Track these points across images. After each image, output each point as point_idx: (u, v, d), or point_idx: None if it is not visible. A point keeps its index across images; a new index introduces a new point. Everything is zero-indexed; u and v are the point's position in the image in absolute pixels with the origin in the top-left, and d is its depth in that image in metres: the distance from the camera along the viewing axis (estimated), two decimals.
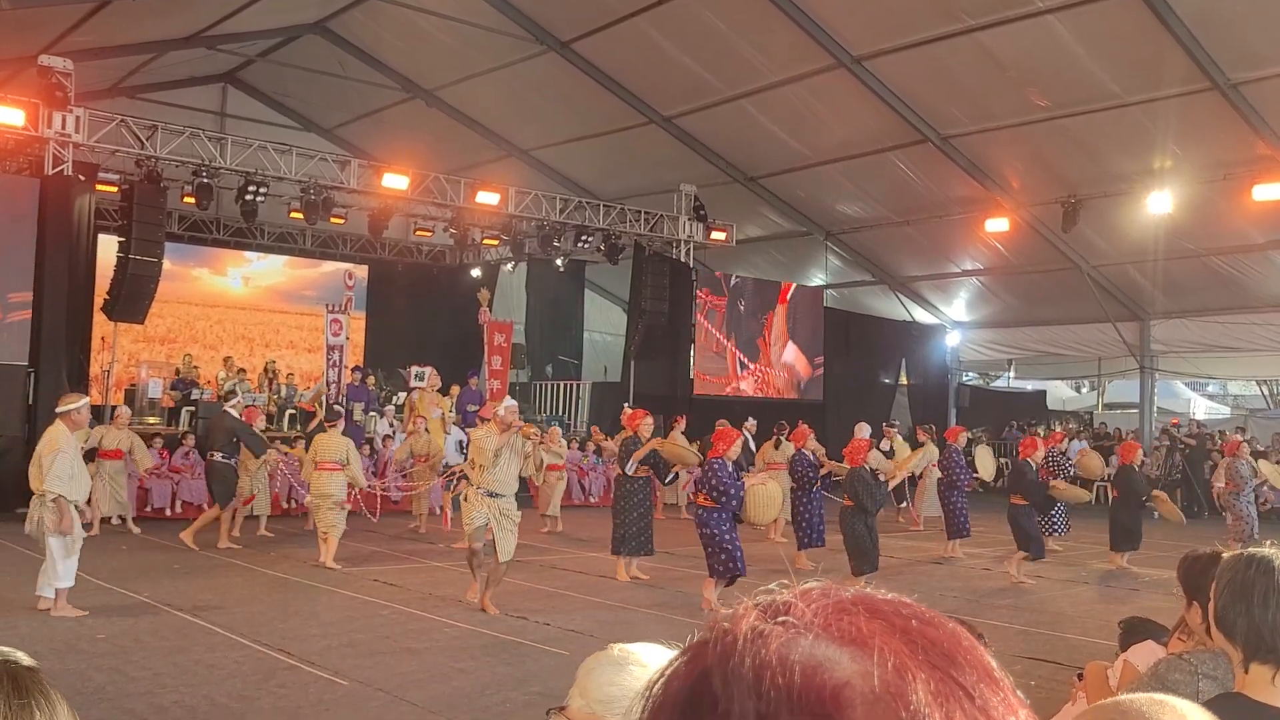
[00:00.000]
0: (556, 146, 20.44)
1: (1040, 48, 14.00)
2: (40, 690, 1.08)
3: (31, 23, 14.72)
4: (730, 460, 9.03)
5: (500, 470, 8.52)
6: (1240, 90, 13.69)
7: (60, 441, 7.84)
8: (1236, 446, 13.27)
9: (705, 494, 8.97)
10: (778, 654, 0.51)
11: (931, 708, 0.49)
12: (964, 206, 18.46)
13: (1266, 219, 15.86)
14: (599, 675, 1.46)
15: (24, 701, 1.06)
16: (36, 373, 13.35)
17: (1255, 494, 13.61)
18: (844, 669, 0.50)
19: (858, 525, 9.79)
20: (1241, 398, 30.57)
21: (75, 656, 6.73)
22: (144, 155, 14.73)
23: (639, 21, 15.70)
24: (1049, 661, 7.30)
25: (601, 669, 1.46)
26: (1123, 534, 12.03)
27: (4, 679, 1.07)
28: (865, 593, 0.55)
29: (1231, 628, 1.88)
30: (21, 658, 1.13)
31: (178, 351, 19.32)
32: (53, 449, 7.81)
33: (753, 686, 0.50)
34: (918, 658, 0.51)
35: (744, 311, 20.54)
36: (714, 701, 0.51)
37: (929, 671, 0.50)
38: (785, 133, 17.88)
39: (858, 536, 9.79)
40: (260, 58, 19.35)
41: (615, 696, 1.42)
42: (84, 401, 8.19)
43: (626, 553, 10.32)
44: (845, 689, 0.49)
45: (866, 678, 0.49)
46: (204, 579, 9.75)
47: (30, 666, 1.11)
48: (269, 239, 21.01)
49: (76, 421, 8.00)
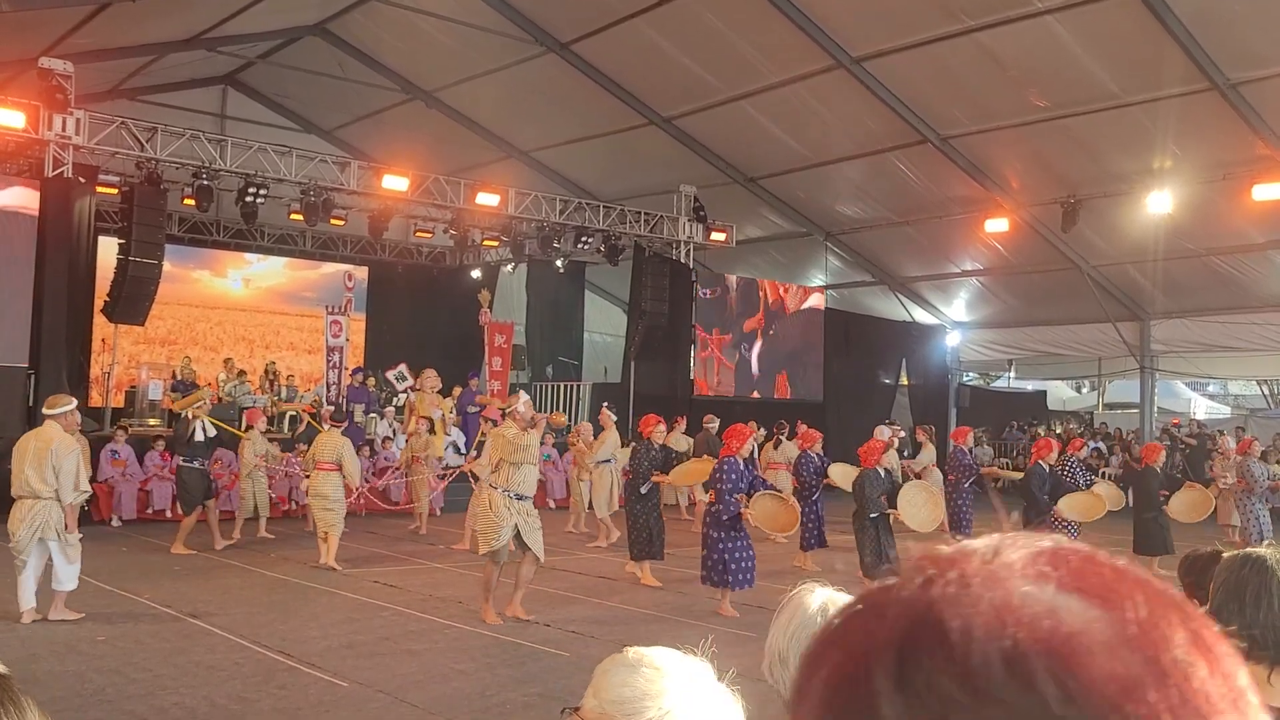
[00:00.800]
0: (556, 148, 20.44)
1: (1040, 48, 13.99)
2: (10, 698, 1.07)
3: (32, 25, 14.72)
4: (742, 458, 9.01)
5: (527, 470, 8.27)
6: (1240, 90, 13.69)
7: (69, 443, 7.75)
8: (1248, 445, 13.05)
9: (715, 492, 8.94)
10: (1019, 597, 0.48)
11: (1194, 655, 0.47)
12: (964, 207, 18.45)
13: (1266, 219, 15.84)
14: (613, 677, 1.48)
15: None
16: (37, 375, 13.36)
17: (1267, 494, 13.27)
18: (1090, 614, 0.48)
19: (869, 529, 9.58)
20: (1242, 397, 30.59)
21: (75, 658, 6.73)
22: (144, 157, 14.73)
23: (639, 22, 15.70)
24: None
25: (615, 671, 1.49)
26: (1145, 539, 11.52)
27: None
28: (1073, 545, 0.52)
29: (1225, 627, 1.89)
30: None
31: (178, 353, 19.32)
32: (67, 450, 7.68)
33: (995, 627, 0.47)
34: (1167, 608, 0.49)
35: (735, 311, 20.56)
36: (944, 638, 0.47)
37: (1182, 623, 0.49)
38: (785, 133, 17.88)
39: (868, 539, 9.58)
40: (260, 59, 19.35)
41: (628, 698, 1.44)
42: (74, 403, 8.09)
43: (644, 556, 10.30)
44: (1091, 633, 0.47)
45: (1118, 624, 0.47)
46: (204, 580, 9.76)
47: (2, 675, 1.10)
48: (269, 241, 21.01)
49: (70, 423, 7.92)
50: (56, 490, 7.62)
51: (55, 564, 7.72)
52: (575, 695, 5.21)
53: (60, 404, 7.93)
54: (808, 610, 1.68)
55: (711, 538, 8.85)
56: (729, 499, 8.68)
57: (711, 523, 8.95)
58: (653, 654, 1.52)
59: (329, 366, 17.69)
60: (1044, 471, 10.64)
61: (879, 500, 9.55)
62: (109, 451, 13.67)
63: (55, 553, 7.70)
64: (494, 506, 8.14)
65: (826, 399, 21.28)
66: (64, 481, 7.62)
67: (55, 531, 7.64)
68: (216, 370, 18.65)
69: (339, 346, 17.70)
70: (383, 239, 20.45)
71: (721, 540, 8.76)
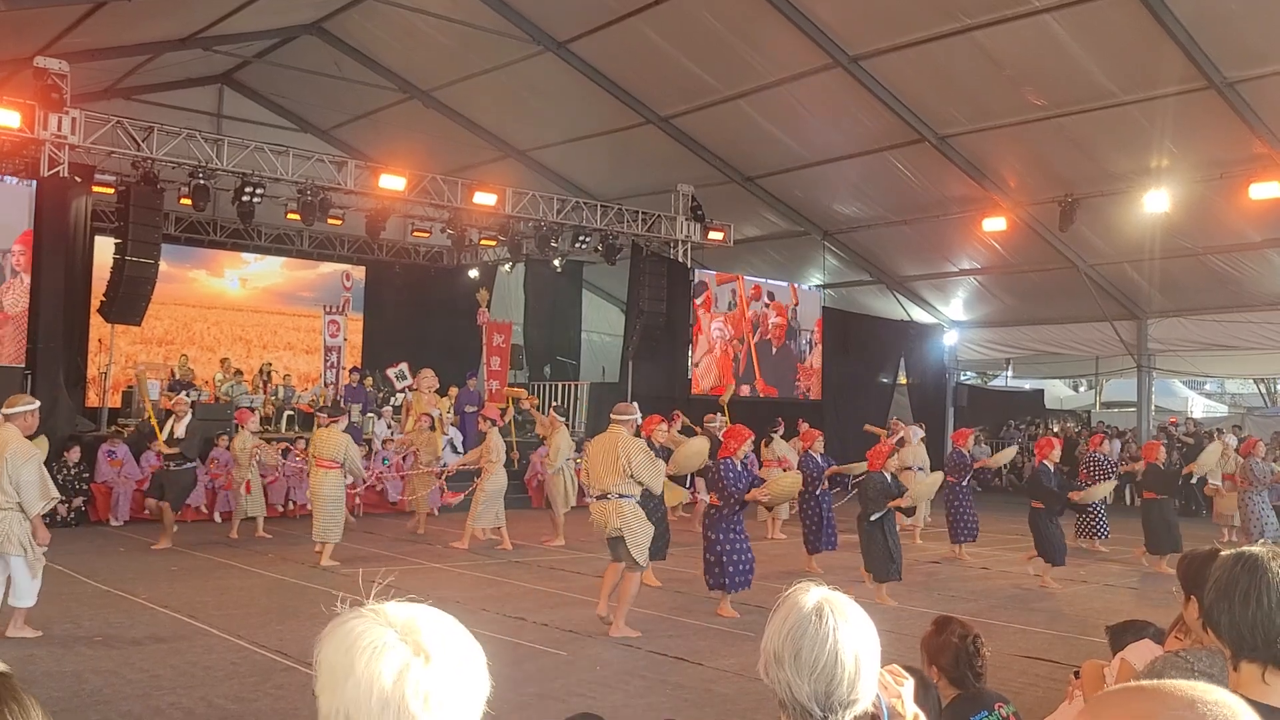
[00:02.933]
0: (554, 147, 20.44)
1: (1037, 47, 14.00)
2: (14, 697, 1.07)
3: (27, 24, 14.70)
4: (739, 460, 9.01)
5: None
6: (1237, 89, 13.69)
7: (25, 450, 7.06)
8: (1253, 445, 13.05)
9: (715, 494, 8.94)
10: None
11: None
12: (961, 206, 18.46)
13: (1263, 218, 15.86)
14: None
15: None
16: (33, 375, 13.34)
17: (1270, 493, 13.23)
18: None
19: (875, 532, 9.52)
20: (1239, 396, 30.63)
21: (72, 659, 6.72)
22: (140, 157, 14.70)
23: (636, 21, 15.69)
24: (1045, 660, 7.31)
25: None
26: (1154, 537, 11.78)
27: None
28: None
29: (1216, 625, 1.90)
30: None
31: (175, 353, 19.30)
32: (24, 457, 7.00)
33: None
34: None
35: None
36: None
37: None
38: (782, 133, 17.87)
39: (874, 543, 9.50)
40: (257, 59, 19.33)
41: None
42: (36, 404, 7.42)
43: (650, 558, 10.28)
44: None
45: None
46: (200, 580, 9.74)
47: (3, 673, 1.09)
48: (266, 240, 20.99)
49: (28, 424, 7.27)
50: (18, 501, 6.97)
51: (15, 578, 7.06)
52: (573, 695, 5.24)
53: (19, 403, 7.28)
54: (803, 610, 1.67)
55: (709, 539, 8.87)
56: (733, 489, 8.69)
57: (709, 524, 8.96)
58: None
59: (327, 366, 17.67)
60: (1049, 471, 10.82)
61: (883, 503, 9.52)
62: (106, 452, 13.65)
63: (16, 567, 7.05)
64: (639, 516, 8.08)
65: (825, 398, 21.29)
66: (26, 495, 6.98)
67: (18, 543, 6.97)
68: (213, 370, 18.62)
69: (337, 346, 17.67)
70: (380, 239, 20.44)
71: (719, 542, 8.77)
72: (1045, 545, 10.53)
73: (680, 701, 6.20)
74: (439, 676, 1.08)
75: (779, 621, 1.68)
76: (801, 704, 1.64)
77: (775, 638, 1.68)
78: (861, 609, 1.71)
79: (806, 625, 1.65)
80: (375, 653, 1.09)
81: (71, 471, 12.99)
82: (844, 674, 1.64)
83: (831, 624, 1.65)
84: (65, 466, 12.80)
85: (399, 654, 1.09)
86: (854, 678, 1.64)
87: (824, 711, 1.64)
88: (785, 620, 1.68)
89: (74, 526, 12.79)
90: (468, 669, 1.11)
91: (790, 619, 1.67)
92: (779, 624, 1.68)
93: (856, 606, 1.70)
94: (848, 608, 1.69)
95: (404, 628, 1.12)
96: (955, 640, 3.37)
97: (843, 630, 1.65)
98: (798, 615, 1.67)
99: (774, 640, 1.68)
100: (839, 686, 1.63)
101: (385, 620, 1.12)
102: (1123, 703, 0.86)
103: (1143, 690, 0.82)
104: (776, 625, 1.68)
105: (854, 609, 1.70)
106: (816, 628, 1.64)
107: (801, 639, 1.65)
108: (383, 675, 1.07)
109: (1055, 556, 10.53)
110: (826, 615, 1.66)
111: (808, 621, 1.66)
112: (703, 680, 6.66)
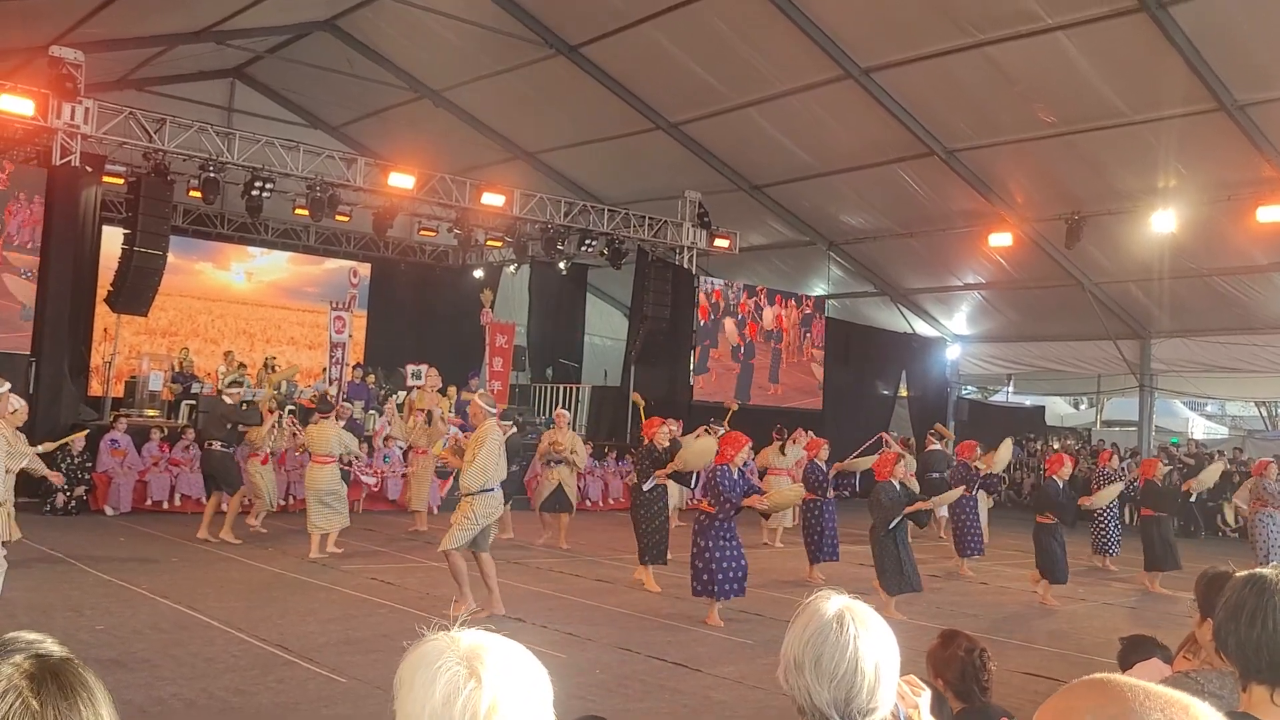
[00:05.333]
0: (562, 150, 20.48)
1: (1048, 64, 14.03)
2: (80, 682, 1.00)
3: (43, 13, 14.76)
4: (736, 468, 8.95)
5: None
6: (1247, 111, 13.72)
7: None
8: (1264, 467, 13.01)
9: (708, 500, 8.86)
10: None
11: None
12: (967, 220, 18.49)
13: (1270, 241, 15.87)
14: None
15: (70, 702, 0.97)
16: (38, 362, 13.36)
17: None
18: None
19: (888, 543, 9.45)
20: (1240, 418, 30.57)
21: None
22: (152, 148, 14.73)
23: (648, 27, 15.74)
24: (1045, 677, 7.31)
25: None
26: (1152, 554, 11.82)
27: (47, 679, 0.98)
28: None
29: (1224, 645, 1.91)
30: (54, 648, 1.03)
31: (179, 345, 19.32)
32: None
33: None
34: None
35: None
36: None
37: None
38: (791, 142, 17.91)
39: (886, 554, 9.43)
40: (269, 54, 19.38)
41: None
42: (6, 386, 7.16)
43: (650, 561, 10.28)
44: None
45: None
46: (202, 572, 9.76)
47: (66, 658, 1.03)
48: (273, 235, 21.02)
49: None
50: None
51: None
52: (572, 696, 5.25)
53: None
54: (824, 617, 1.69)
55: (698, 545, 8.77)
56: (729, 496, 8.62)
57: (698, 531, 8.87)
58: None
59: (332, 362, 17.66)
60: (1058, 485, 10.93)
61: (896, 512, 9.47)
62: (109, 441, 13.65)
63: None
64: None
65: (825, 408, 21.29)
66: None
67: None
68: (216, 363, 18.63)
69: (342, 343, 17.67)
70: (387, 236, 20.46)
71: (707, 549, 8.67)
72: (1048, 562, 10.53)
73: (679, 707, 6.21)
74: (489, 700, 1.14)
75: (800, 628, 1.70)
76: (820, 710, 1.65)
77: (796, 644, 1.69)
78: (882, 618, 1.72)
79: (828, 632, 1.67)
80: (434, 672, 1.17)
81: (75, 460, 13.00)
82: (864, 682, 1.65)
83: (852, 632, 1.66)
84: (69, 455, 12.81)
85: (453, 675, 1.16)
86: (874, 686, 1.66)
87: (842, 718, 1.65)
88: (806, 627, 1.69)
89: (75, 515, 12.81)
90: (522, 696, 1.17)
91: (811, 626, 1.69)
92: (800, 630, 1.70)
93: (877, 615, 1.72)
94: (869, 616, 1.70)
95: (468, 652, 1.19)
96: (961, 654, 3.39)
97: (864, 638, 1.66)
98: (819, 622, 1.68)
99: (794, 646, 1.69)
100: (859, 694, 1.65)
101: (453, 644, 1.21)
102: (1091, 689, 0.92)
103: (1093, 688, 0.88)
104: (797, 631, 1.70)
105: (875, 618, 1.71)
106: (838, 635, 1.66)
107: (822, 646, 1.66)
108: (435, 694, 1.15)
109: (1057, 574, 10.54)
110: (848, 623, 1.67)
111: (829, 629, 1.67)
112: (701, 687, 6.67)
